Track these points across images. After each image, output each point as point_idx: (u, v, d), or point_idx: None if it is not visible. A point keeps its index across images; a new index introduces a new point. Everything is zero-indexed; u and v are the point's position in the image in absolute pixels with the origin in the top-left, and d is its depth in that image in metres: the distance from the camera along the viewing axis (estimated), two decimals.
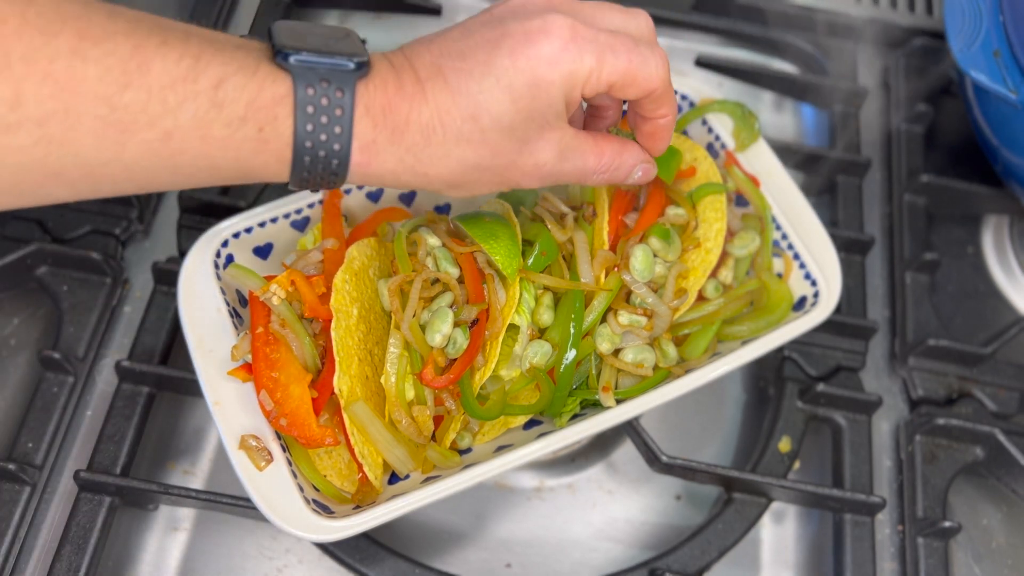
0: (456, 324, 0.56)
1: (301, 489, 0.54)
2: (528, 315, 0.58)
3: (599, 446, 0.72)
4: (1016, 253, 0.82)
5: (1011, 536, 0.71)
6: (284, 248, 0.64)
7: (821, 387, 0.69)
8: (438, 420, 0.58)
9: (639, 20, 0.51)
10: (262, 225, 0.62)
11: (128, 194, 0.44)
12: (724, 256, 0.65)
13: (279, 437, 0.55)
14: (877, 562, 0.67)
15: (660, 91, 0.50)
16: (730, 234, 0.66)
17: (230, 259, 0.61)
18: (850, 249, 0.77)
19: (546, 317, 0.59)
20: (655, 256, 0.62)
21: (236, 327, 0.58)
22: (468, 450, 0.60)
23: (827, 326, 0.69)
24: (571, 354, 0.58)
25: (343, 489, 0.57)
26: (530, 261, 0.59)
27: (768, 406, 0.72)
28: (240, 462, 0.53)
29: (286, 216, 0.63)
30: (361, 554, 0.61)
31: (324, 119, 0.43)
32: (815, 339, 0.72)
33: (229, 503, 0.61)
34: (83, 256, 0.68)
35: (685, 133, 0.72)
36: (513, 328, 0.58)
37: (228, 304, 0.59)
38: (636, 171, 0.54)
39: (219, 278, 0.59)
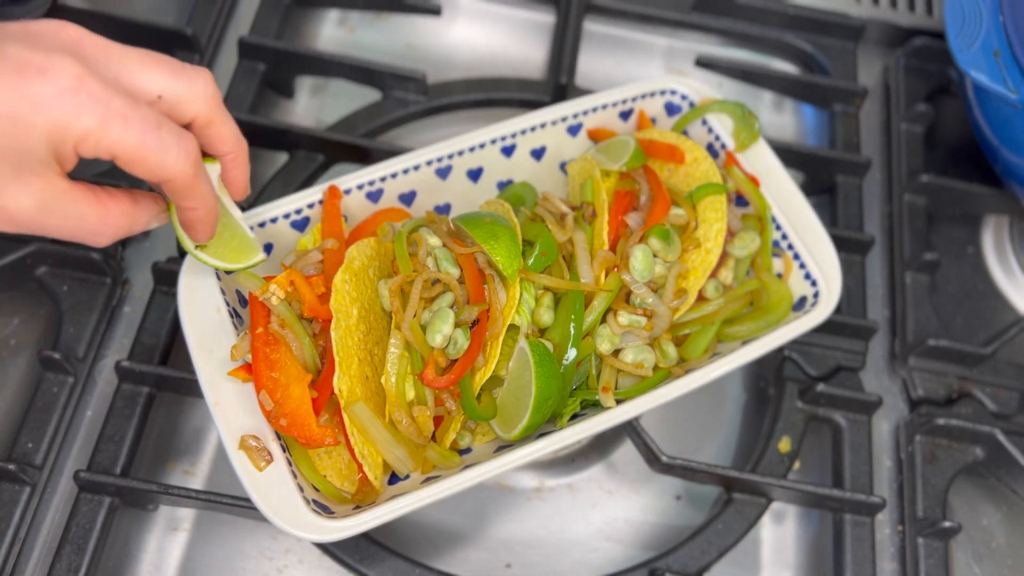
0: (457, 324, 0.56)
1: (301, 489, 0.54)
2: (528, 315, 0.58)
3: (599, 446, 0.72)
4: (1016, 253, 0.82)
5: (1011, 536, 0.71)
6: (284, 248, 0.64)
7: (821, 387, 0.69)
8: (438, 420, 0.58)
9: (194, 84, 0.44)
10: (262, 225, 0.62)
11: None
12: (724, 256, 0.65)
13: (279, 437, 0.55)
14: (877, 562, 0.67)
15: (181, 183, 0.44)
16: (730, 234, 0.66)
17: None
18: (850, 249, 0.77)
19: (546, 317, 0.59)
20: (655, 256, 0.62)
21: (236, 327, 0.58)
22: (468, 450, 0.60)
23: (827, 326, 0.69)
24: (571, 354, 0.58)
25: (343, 489, 0.57)
26: (530, 261, 0.59)
27: (768, 406, 0.72)
28: (240, 462, 0.53)
29: (286, 216, 0.63)
30: (361, 554, 0.61)
31: None
32: (815, 339, 0.72)
33: (229, 503, 0.61)
34: (83, 256, 0.68)
35: (685, 133, 0.72)
36: (513, 328, 0.58)
37: (228, 304, 0.59)
38: (152, 222, 0.50)
39: (219, 278, 0.59)
